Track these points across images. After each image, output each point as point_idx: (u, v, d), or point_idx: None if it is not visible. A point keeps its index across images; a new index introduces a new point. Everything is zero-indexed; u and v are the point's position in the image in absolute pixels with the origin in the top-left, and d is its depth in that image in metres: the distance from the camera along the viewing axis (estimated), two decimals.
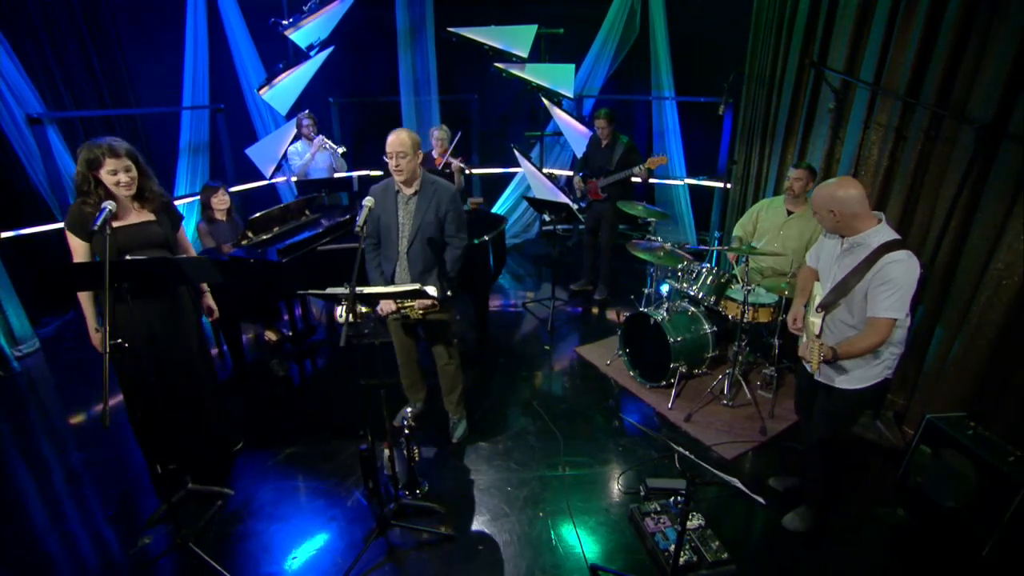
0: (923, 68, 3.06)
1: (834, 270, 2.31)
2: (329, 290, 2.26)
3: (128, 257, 2.43)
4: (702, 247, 4.31)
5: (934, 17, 2.96)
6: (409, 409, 2.87)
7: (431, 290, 2.29)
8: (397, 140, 2.69)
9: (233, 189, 5.93)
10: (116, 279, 2.28)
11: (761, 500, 1.79)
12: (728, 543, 2.51)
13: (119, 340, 2.33)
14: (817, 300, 2.37)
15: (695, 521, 2.57)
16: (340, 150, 5.15)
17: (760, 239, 3.90)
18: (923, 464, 2.67)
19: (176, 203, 5.44)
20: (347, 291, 2.10)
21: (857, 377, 2.31)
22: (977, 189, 2.80)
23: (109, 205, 2.27)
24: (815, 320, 2.34)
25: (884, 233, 2.20)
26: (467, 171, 5.19)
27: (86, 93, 4.95)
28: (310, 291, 2.23)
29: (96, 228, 2.17)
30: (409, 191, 2.82)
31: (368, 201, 2.40)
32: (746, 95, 4.67)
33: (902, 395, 3.36)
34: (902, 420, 3.32)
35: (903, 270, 2.11)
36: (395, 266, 2.90)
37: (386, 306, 2.86)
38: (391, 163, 2.72)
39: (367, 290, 2.14)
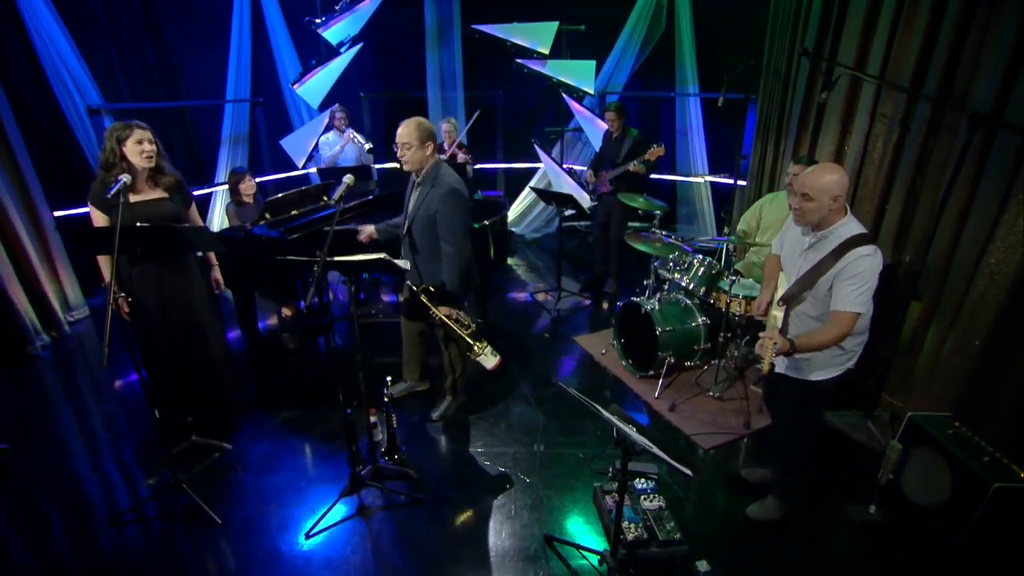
0: (927, 58, 2.96)
1: (799, 262, 2.28)
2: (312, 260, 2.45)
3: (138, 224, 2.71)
4: (703, 242, 4.27)
5: (938, 7, 2.86)
6: (389, 378, 3.03)
7: (400, 263, 2.44)
8: (404, 131, 2.79)
9: (270, 177, 6.37)
10: (128, 244, 2.57)
11: (688, 472, 1.82)
12: (686, 526, 2.54)
13: (124, 295, 2.65)
14: (780, 292, 2.35)
15: (655, 502, 2.60)
16: (367, 146, 5.41)
17: (763, 234, 3.85)
18: (896, 461, 2.59)
19: (215, 189, 5.95)
20: (319, 259, 2.28)
21: (819, 369, 2.28)
22: (974, 181, 2.69)
23: (124, 177, 2.56)
24: (776, 314, 2.33)
25: (852, 225, 2.16)
26: (472, 164, 5.35)
27: (141, 85, 5.46)
28: (288, 257, 2.43)
29: (110, 196, 2.46)
30: (418, 180, 2.93)
31: (348, 179, 2.58)
32: (762, 90, 4.60)
33: (898, 396, 3.24)
34: (896, 421, 3.20)
35: (870, 264, 2.07)
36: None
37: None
38: (398, 153, 2.85)
39: (338, 259, 2.31)
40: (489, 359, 2.78)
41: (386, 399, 2.98)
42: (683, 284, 3.64)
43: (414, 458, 3.08)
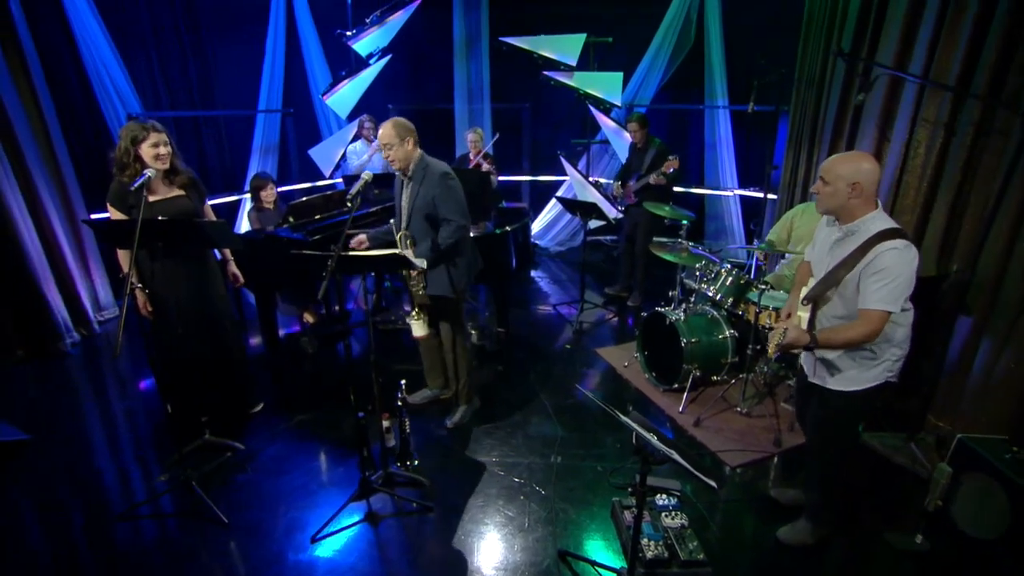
0: (975, 58, 2.81)
1: (827, 260, 2.15)
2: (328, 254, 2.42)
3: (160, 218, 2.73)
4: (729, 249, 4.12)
5: (988, 2, 2.72)
6: (404, 382, 2.97)
7: (417, 259, 2.39)
8: (383, 132, 2.82)
9: (297, 186, 6.48)
10: (148, 238, 2.58)
11: (712, 483, 1.69)
12: (710, 547, 2.38)
13: (140, 285, 2.66)
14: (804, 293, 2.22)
15: (677, 520, 2.44)
16: None
17: (796, 245, 3.70)
18: (945, 486, 2.38)
19: (244, 196, 6.06)
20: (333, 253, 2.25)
21: (850, 378, 2.11)
22: None
23: (149, 171, 2.59)
24: (802, 315, 2.19)
25: (881, 220, 2.03)
26: (496, 174, 5.34)
27: (180, 94, 5.65)
28: (304, 251, 2.40)
29: (134, 188, 2.48)
30: (408, 176, 2.93)
31: (366, 175, 2.56)
32: (795, 99, 4.46)
33: (945, 418, 3.01)
34: (943, 445, 2.96)
35: (897, 259, 1.93)
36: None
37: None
38: (383, 154, 2.89)
39: (351, 253, 2.28)
40: (417, 328, 2.96)
41: (399, 403, 2.92)
42: (710, 294, 3.50)
43: (427, 465, 2.99)
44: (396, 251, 2.27)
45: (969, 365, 2.83)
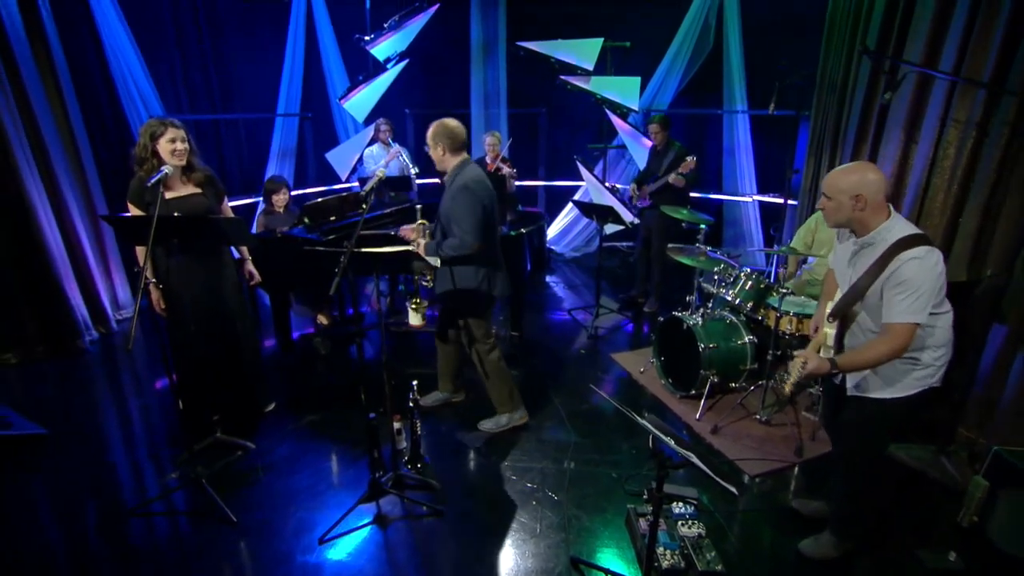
0: (1009, 56, 2.71)
1: (848, 273, 2.07)
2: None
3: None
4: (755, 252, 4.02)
5: None
6: (415, 383, 2.93)
7: (430, 257, 2.36)
8: (428, 132, 2.83)
9: (314, 189, 6.53)
10: (164, 234, 2.59)
11: (732, 489, 1.62)
12: (729, 557, 2.29)
13: (155, 280, 2.67)
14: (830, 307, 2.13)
15: (694, 529, 2.37)
16: (414, 169, 5.43)
17: (818, 251, 3.61)
18: (981, 500, 2.26)
19: (261, 199, 6.11)
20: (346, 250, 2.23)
21: (890, 384, 2.01)
22: None
23: (167, 168, 2.61)
24: (828, 331, 2.11)
25: (899, 227, 1.94)
26: (514, 178, 5.31)
27: (201, 98, 5.75)
28: (316, 247, 2.39)
29: (151, 184, 2.50)
30: (446, 179, 2.90)
31: (380, 172, 2.55)
32: (816, 103, 4.37)
33: (978, 431, 2.88)
34: (977, 459, 2.83)
35: (918, 268, 1.85)
36: None
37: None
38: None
39: (364, 250, 2.26)
40: (414, 317, 3.05)
41: (411, 405, 2.88)
42: (728, 299, 3.41)
43: (438, 468, 2.95)
44: (407, 247, 2.24)
45: (1004, 375, 2.71)
